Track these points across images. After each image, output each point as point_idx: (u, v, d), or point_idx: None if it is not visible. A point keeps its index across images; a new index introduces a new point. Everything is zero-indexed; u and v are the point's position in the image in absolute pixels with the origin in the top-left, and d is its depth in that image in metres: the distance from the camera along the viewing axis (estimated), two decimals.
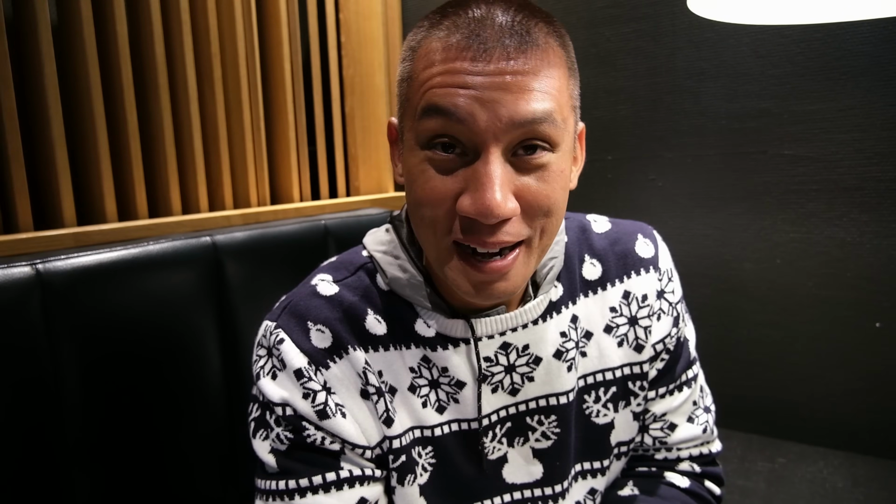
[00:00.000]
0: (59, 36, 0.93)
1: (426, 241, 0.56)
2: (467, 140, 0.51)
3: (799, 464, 1.09)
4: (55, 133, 0.88)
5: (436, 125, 0.51)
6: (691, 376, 0.72)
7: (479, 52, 0.49)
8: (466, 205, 0.50)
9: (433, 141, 0.52)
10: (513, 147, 0.51)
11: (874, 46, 1.06)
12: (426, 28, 0.55)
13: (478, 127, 0.49)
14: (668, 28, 1.24)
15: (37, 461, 0.70)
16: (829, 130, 1.12)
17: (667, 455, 0.73)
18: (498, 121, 0.49)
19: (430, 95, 0.51)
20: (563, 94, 0.53)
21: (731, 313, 1.25)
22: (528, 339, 0.63)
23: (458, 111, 0.49)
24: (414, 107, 0.53)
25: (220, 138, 1.13)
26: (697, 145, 1.24)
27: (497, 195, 0.49)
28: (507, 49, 0.50)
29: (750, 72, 1.17)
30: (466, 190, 0.51)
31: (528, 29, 0.51)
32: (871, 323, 1.13)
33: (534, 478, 0.65)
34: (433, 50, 0.52)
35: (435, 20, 0.54)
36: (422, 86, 0.52)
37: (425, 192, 0.52)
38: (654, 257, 0.70)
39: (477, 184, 0.50)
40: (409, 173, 0.55)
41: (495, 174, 0.49)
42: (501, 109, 0.49)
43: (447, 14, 0.53)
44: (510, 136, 0.50)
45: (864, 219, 1.11)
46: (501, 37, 0.50)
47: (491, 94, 0.49)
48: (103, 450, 0.76)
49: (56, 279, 0.73)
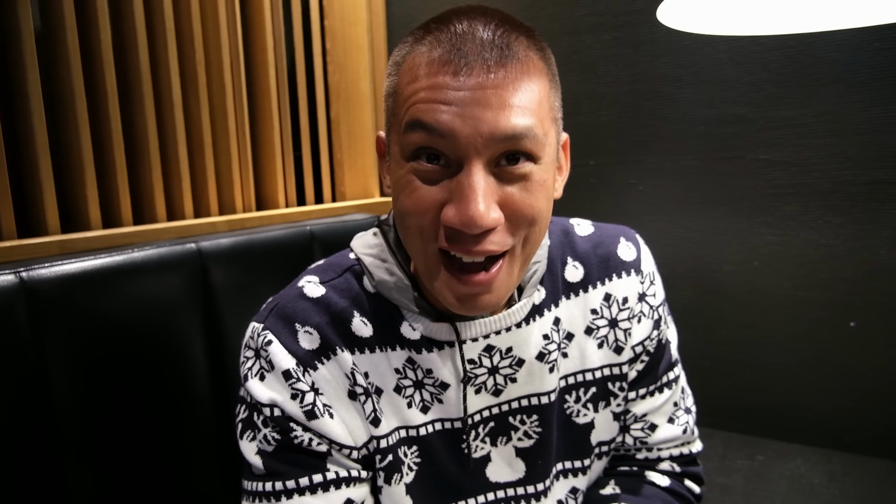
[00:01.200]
0: (42, 43, 0.93)
1: (414, 250, 0.58)
2: (450, 153, 0.52)
3: (777, 461, 1.12)
4: (39, 140, 0.88)
5: (419, 139, 0.52)
6: (672, 378, 0.74)
7: (460, 67, 0.51)
8: (450, 216, 0.51)
9: (418, 152, 0.53)
10: (495, 158, 0.52)
11: (846, 54, 1.10)
12: (410, 43, 0.56)
13: (459, 142, 0.51)
14: (647, 36, 1.26)
15: (24, 466, 0.70)
16: (803, 136, 1.15)
17: (647, 455, 0.74)
18: (479, 136, 0.50)
19: (414, 111, 0.52)
20: (543, 108, 0.54)
21: (711, 314, 1.28)
22: (512, 341, 0.64)
23: (441, 126, 0.51)
24: (399, 121, 0.55)
25: (204, 145, 1.14)
26: (677, 150, 1.27)
27: (480, 206, 0.50)
28: (488, 63, 0.51)
29: (727, 79, 1.20)
30: (451, 201, 0.52)
31: (509, 43, 0.52)
32: (845, 322, 1.16)
33: (516, 476, 0.67)
34: (416, 65, 0.54)
35: (419, 35, 0.56)
36: (406, 101, 0.54)
37: (411, 202, 0.54)
38: (636, 260, 0.71)
39: (461, 195, 0.51)
40: (395, 184, 0.56)
41: (478, 186, 0.51)
42: (482, 125, 0.50)
43: (430, 30, 0.55)
44: (491, 150, 0.51)
45: (837, 221, 1.14)
46: (482, 51, 0.51)
47: (472, 109, 0.50)
48: (90, 455, 0.76)
49: (41, 287, 0.73)
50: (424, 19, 0.58)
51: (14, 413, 0.70)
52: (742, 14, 0.76)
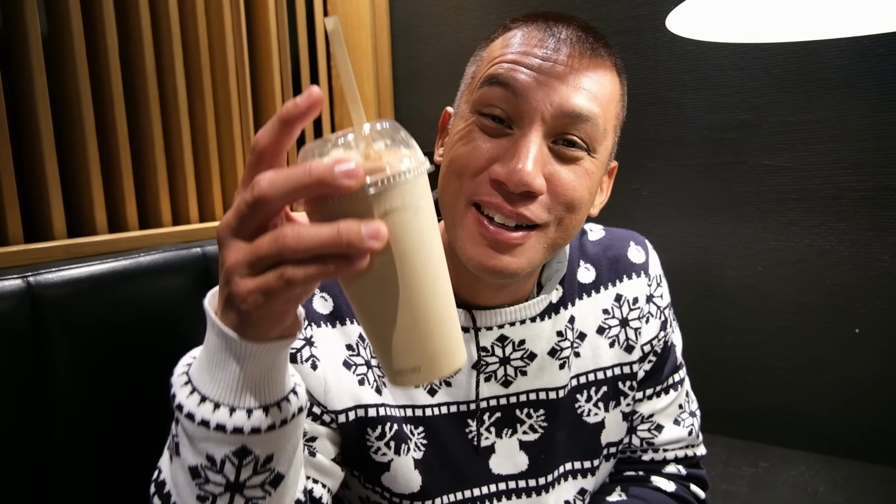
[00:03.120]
0: (49, 48, 0.94)
1: (449, 201, 0.59)
2: (516, 114, 0.55)
3: (781, 468, 1.12)
4: (45, 145, 0.88)
5: (492, 94, 0.56)
6: (677, 380, 0.75)
7: (550, 46, 0.55)
8: (499, 169, 0.54)
9: (486, 109, 0.56)
10: (554, 135, 0.55)
11: (849, 60, 1.10)
12: (506, 25, 0.61)
13: (529, 104, 0.54)
14: (650, 41, 1.26)
15: (28, 471, 0.70)
16: (806, 141, 1.15)
17: (653, 456, 0.75)
18: (549, 103, 0.54)
19: (496, 68, 0.56)
20: (610, 110, 0.58)
21: (714, 319, 1.28)
22: (525, 334, 0.65)
23: (516, 84, 0.54)
24: (478, 79, 0.58)
25: (209, 149, 1.14)
26: (680, 155, 1.27)
27: (529, 166, 0.53)
28: (574, 50, 0.55)
29: (730, 84, 1.20)
30: (503, 158, 0.55)
31: (597, 47, 0.57)
32: (849, 329, 1.16)
33: (519, 469, 0.67)
34: (509, 37, 0.58)
35: (519, 20, 0.60)
36: (491, 61, 0.58)
37: (466, 150, 0.56)
38: (644, 263, 0.73)
39: (514, 152, 0.54)
40: (454, 136, 0.59)
41: (532, 148, 0.54)
42: (554, 95, 0.54)
43: (530, 17, 0.59)
44: (555, 122, 0.54)
45: (841, 227, 1.14)
46: (573, 41, 0.56)
47: (549, 79, 0.54)
48: (94, 460, 0.76)
49: (47, 292, 0.73)
50: (428, 24, 0.61)
51: (19, 417, 0.70)
52: (749, 22, 0.76)
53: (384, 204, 0.35)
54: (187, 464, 0.43)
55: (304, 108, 0.34)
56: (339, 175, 0.32)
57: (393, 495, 0.64)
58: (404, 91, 1.58)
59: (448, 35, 1.48)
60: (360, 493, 0.67)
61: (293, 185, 0.33)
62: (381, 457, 0.63)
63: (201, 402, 0.42)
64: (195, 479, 0.42)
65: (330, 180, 0.32)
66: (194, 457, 0.42)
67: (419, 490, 0.63)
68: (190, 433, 0.42)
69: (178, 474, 0.44)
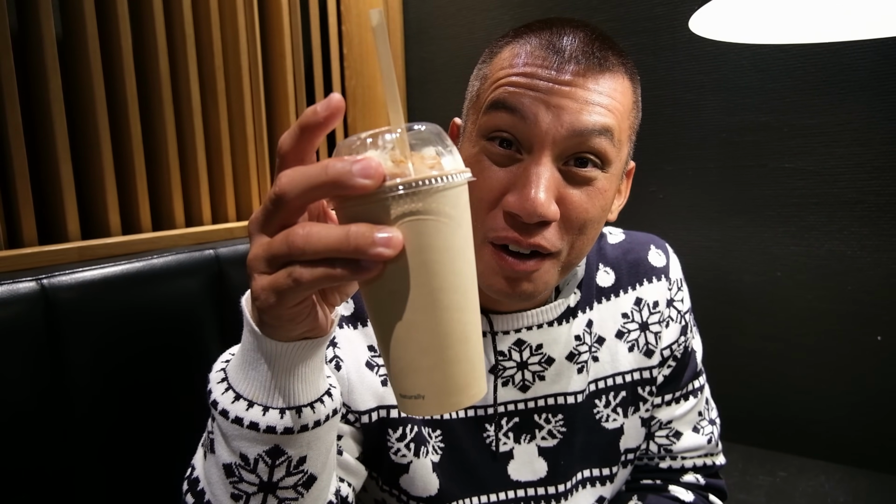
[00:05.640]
0: (64, 50, 0.94)
1: None
2: (525, 139, 0.54)
3: (800, 478, 1.09)
4: (60, 147, 0.89)
5: (499, 120, 0.54)
6: (697, 387, 0.74)
7: (554, 63, 0.53)
8: (512, 201, 0.53)
9: (493, 134, 0.55)
10: (566, 157, 0.54)
11: (873, 61, 1.07)
12: (510, 36, 0.59)
13: (539, 128, 0.52)
14: (667, 42, 1.24)
15: (44, 472, 0.70)
16: (828, 144, 1.13)
17: (671, 464, 0.74)
18: (560, 126, 0.52)
19: (501, 92, 0.55)
20: (624, 120, 0.56)
21: (731, 326, 1.26)
22: (543, 339, 0.65)
23: (524, 109, 0.53)
24: (483, 101, 0.57)
25: (223, 151, 1.14)
26: (698, 158, 1.25)
27: (541, 195, 0.51)
28: (581, 65, 0.53)
29: (750, 85, 1.18)
30: (514, 187, 0.53)
31: (605, 56, 0.54)
32: (871, 336, 1.13)
33: (538, 476, 0.66)
34: (512, 55, 0.56)
35: (520, 31, 0.58)
36: (495, 83, 0.56)
37: (478, 182, 0.55)
38: (665, 267, 0.72)
39: (525, 181, 0.53)
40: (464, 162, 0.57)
41: (544, 175, 0.52)
42: (564, 115, 0.52)
43: (532, 28, 0.57)
44: (567, 143, 0.53)
45: (864, 232, 1.12)
46: (578, 54, 0.53)
47: (558, 100, 0.52)
48: (109, 461, 0.76)
49: (61, 294, 0.73)
50: (441, 25, 0.60)
51: (34, 420, 0.70)
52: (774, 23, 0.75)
53: (403, 210, 0.32)
54: (221, 461, 0.43)
55: (322, 117, 0.33)
56: (356, 174, 0.31)
57: (410, 498, 0.63)
58: (417, 93, 1.57)
59: (462, 35, 1.46)
60: (376, 495, 0.66)
61: (310, 182, 0.32)
62: (400, 458, 0.62)
63: (235, 399, 0.42)
64: (229, 477, 0.42)
65: (345, 179, 0.31)
66: (228, 455, 0.42)
67: (437, 493, 0.63)
68: (224, 430, 0.42)
69: (211, 472, 0.44)
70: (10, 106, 0.83)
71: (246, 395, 0.42)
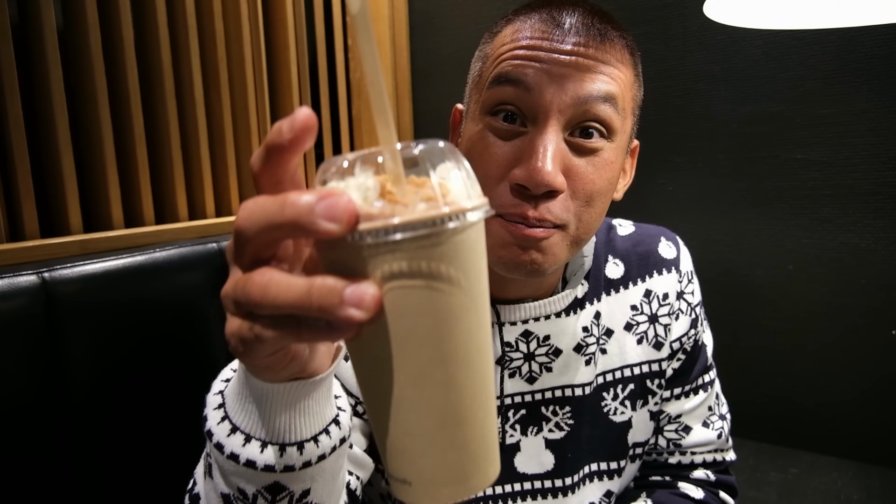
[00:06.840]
0: (65, 41, 0.93)
1: None
2: (529, 110, 0.53)
3: (812, 474, 1.08)
4: (61, 139, 0.88)
5: (503, 93, 0.54)
6: (707, 381, 0.73)
7: (555, 35, 0.53)
8: (518, 173, 0.52)
9: (497, 108, 0.54)
10: (571, 126, 0.53)
11: (889, 49, 1.05)
12: (510, 16, 0.59)
13: (543, 99, 0.52)
14: (678, 31, 1.22)
15: (43, 467, 0.70)
16: (842, 134, 1.10)
17: (680, 459, 0.73)
18: (564, 94, 0.52)
19: (504, 66, 0.54)
20: (627, 91, 0.56)
21: (742, 320, 1.24)
22: (550, 329, 0.64)
23: (527, 80, 0.52)
24: (485, 78, 0.56)
25: (226, 143, 1.13)
26: (708, 149, 1.23)
27: (548, 165, 0.51)
28: (581, 37, 0.53)
29: (762, 75, 1.16)
30: (520, 160, 0.53)
31: (605, 30, 0.54)
32: (885, 331, 1.11)
33: (544, 469, 0.66)
34: (513, 31, 0.56)
35: (520, 10, 0.58)
36: (497, 59, 0.56)
37: (483, 157, 0.55)
38: (675, 259, 0.71)
39: (531, 152, 0.52)
40: (468, 141, 0.57)
41: (550, 146, 0.52)
42: (568, 84, 0.52)
43: (533, 6, 0.57)
44: (572, 111, 0.52)
45: (878, 224, 1.09)
46: (579, 27, 0.53)
47: (561, 69, 0.52)
48: (110, 455, 0.76)
49: (62, 287, 0.72)
50: (446, 15, 0.59)
51: (35, 413, 0.69)
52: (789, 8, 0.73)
53: (385, 263, 0.25)
54: (219, 490, 0.40)
55: (286, 140, 0.27)
56: (318, 214, 0.24)
57: None
58: (423, 84, 1.55)
59: (468, 26, 1.44)
60: (381, 489, 0.65)
61: (268, 221, 0.26)
62: None
63: (232, 432, 0.38)
64: None
65: (305, 221, 0.25)
66: (226, 486, 0.40)
67: None
68: (220, 464, 0.39)
69: (211, 496, 0.42)
70: (11, 97, 0.82)
71: (243, 427, 0.38)
